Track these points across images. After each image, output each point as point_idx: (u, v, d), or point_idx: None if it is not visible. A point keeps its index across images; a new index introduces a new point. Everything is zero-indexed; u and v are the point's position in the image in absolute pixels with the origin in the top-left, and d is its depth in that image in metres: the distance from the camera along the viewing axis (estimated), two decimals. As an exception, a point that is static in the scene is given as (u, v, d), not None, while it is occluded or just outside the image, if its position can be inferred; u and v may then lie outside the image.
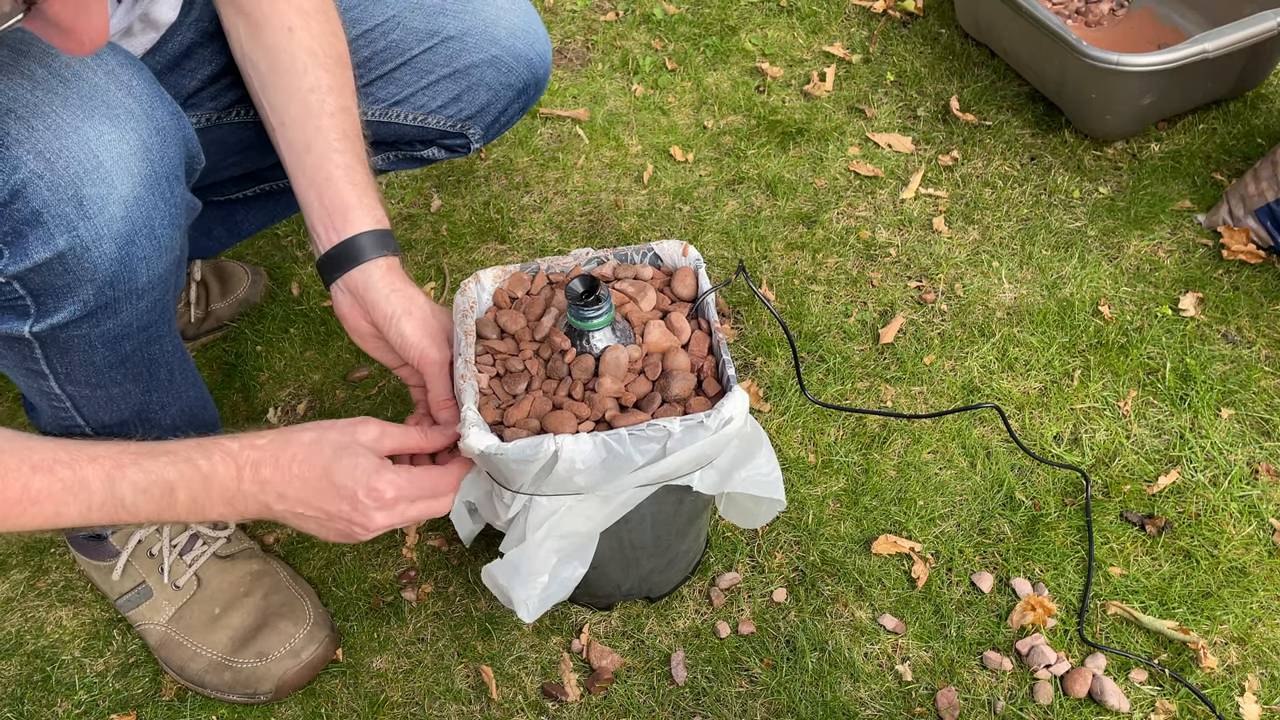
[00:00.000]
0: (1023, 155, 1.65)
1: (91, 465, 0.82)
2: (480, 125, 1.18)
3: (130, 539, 1.14)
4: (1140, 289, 1.45)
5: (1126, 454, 1.27)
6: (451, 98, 1.14)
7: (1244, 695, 1.07)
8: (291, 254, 1.59)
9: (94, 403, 0.97)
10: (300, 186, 0.98)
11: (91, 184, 0.79)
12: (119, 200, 0.81)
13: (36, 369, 0.92)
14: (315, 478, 0.87)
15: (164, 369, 1.00)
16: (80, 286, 0.83)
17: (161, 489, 0.84)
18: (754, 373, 1.39)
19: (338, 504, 0.88)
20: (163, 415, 1.03)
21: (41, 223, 0.78)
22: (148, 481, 0.84)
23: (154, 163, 0.83)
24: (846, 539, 1.21)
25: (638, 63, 1.86)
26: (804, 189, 1.62)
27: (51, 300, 0.83)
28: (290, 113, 0.97)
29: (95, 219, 0.80)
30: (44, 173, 0.77)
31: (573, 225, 1.60)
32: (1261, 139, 1.63)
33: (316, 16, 0.99)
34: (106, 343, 0.90)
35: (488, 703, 1.11)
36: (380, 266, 0.96)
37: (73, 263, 0.81)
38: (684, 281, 1.02)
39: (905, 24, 1.90)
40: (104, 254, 0.82)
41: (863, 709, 1.08)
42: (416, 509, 0.91)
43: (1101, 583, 1.16)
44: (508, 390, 0.96)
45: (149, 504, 0.84)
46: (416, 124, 1.15)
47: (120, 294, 0.86)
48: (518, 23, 1.13)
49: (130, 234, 0.83)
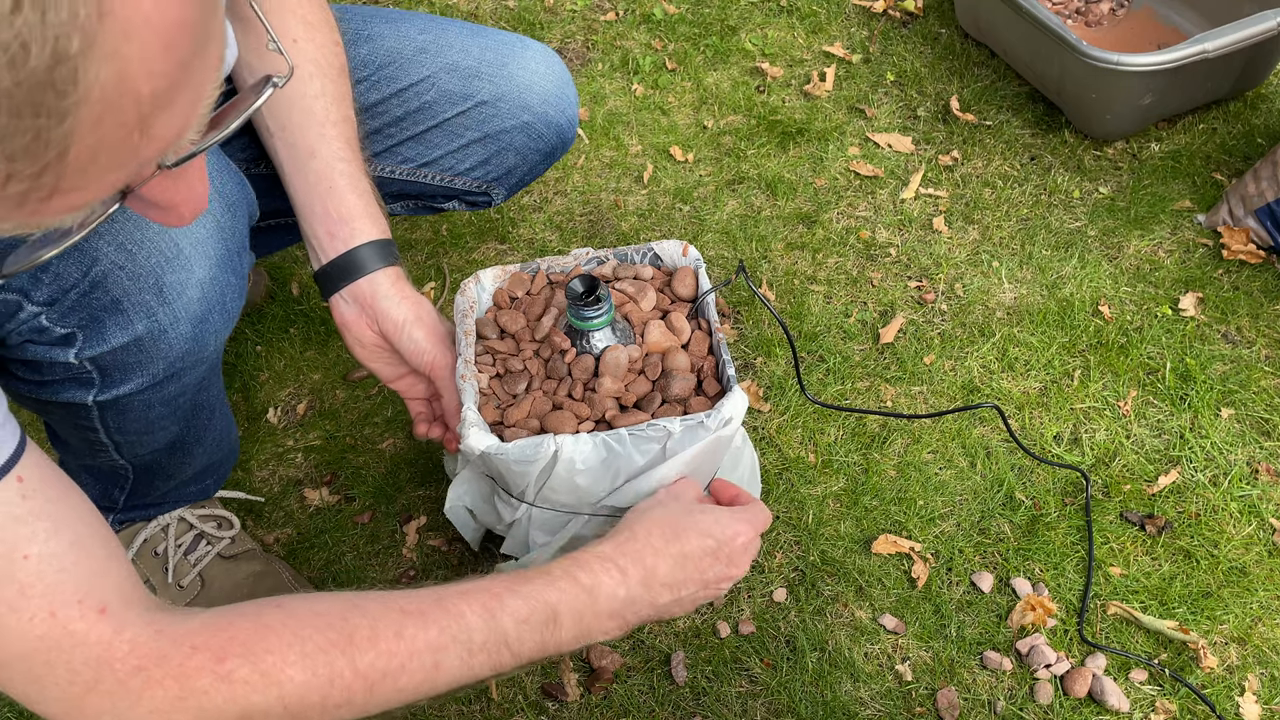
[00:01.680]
0: (1023, 155, 1.65)
1: (464, 600, 0.72)
2: (505, 186, 1.18)
3: (136, 538, 1.14)
4: (1140, 289, 1.45)
5: (1126, 454, 1.27)
6: (480, 161, 1.13)
7: (1244, 695, 1.07)
8: (291, 254, 1.59)
9: (135, 445, 0.98)
10: (300, 192, 0.96)
11: (172, 271, 0.80)
12: (196, 283, 0.82)
13: (87, 426, 0.92)
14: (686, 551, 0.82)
15: (205, 411, 1.01)
16: (152, 363, 0.84)
17: (544, 615, 0.74)
18: (754, 373, 1.39)
19: (712, 567, 0.83)
20: (196, 446, 1.05)
21: (121, 310, 0.79)
22: (529, 609, 0.74)
23: (227, 240, 0.84)
24: (846, 539, 1.21)
25: (638, 63, 1.86)
26: (804, 189, 1.62)
27: (119, 375, 0.84)
28: (292, 119, 0.96)
29: (174, 304, 0.81)
30: (125, 263, 0.78)
31: (573, 225, 1.60)
32: (1261, 139, 1.63)
33: (321, 28, 0.98)
34: (164, 402, 0.91)
35: (488, 703, 1.11)
36: (389, 275, 0.96)
37: (149, 344, 0.82)
38: (684, 281, 1.02)
39: (905, 24, 1.90)
40: (180, 334, 0.83)
41: (863, 709, 1.08)
42: (758, 542, 0.88)
43: (1101, 583, 1.16)
44: (508, 390, 0.96)
45: (532, 635, 0.74)
46: (443, 184, 1.15)
47: (189, 364, 0.87)
48: (551, 89, 1.12)
49: (205, 313, 0.84)
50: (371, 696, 0.68)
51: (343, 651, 0.67)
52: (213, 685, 0.65)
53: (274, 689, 0.66)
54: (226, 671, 0.65)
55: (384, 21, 1.09)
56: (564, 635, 0.76)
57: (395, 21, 1.10)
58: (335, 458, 1.32)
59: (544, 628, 0.74)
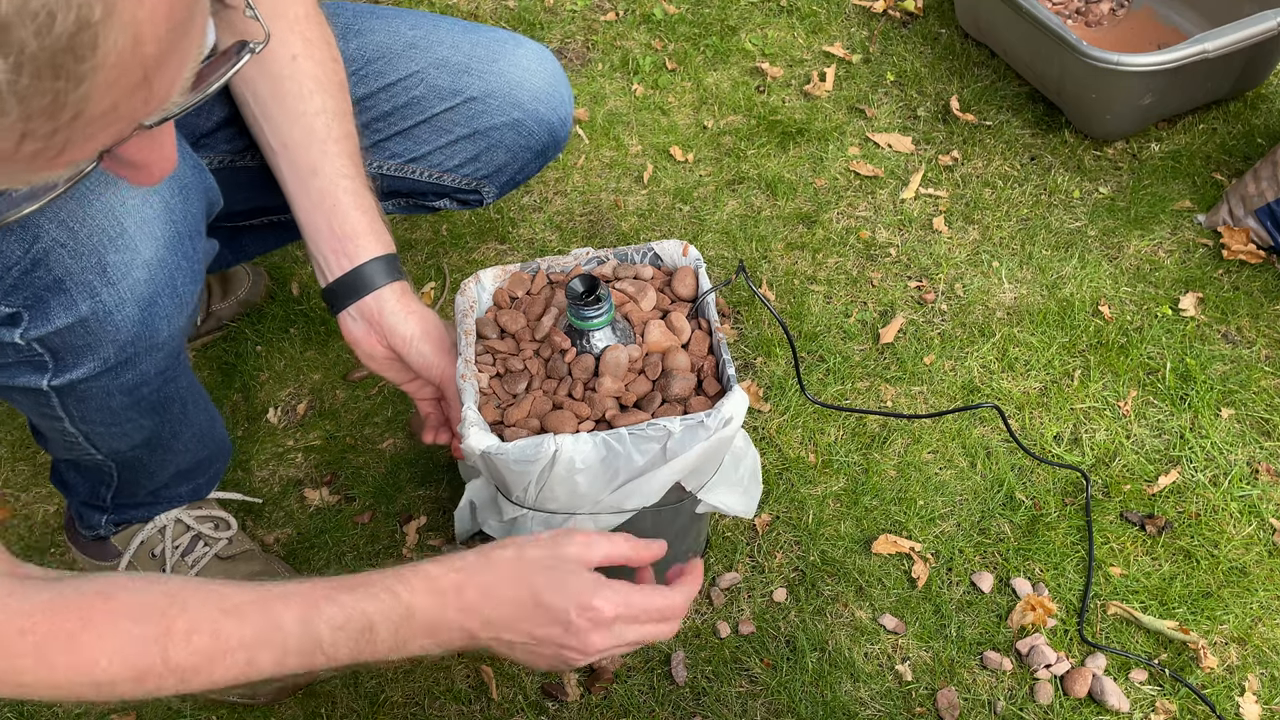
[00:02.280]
0: (1023, 155, 1.65)
1: (283, 603, 0.74)
2: (496, 184, 1.17)
3: (133, 540, 1.14)
4: (1140, 289, 1.45)
5: (1126, 454, 1.27)
6: (469, 157, 1.13)
7: (1244, 695, 1.07)
8: (292, 254, 1.59)
9: (107, 437, 0.97)
10: (304, 210, 0.96)
11: (115, 250, 0.79)
12: (142, 264, 0.81)
13: (51, 414, 0.92)
14: (523, 599, 0.78)
15: (177, 404, 1.00)
16: (101, 346, 0.83)
17: (360, 624, 0.75)
18: (754, 373, 1.39)
19: (547, 628, 0.78)
20: (174, 441, 1.04)
21: (64, 290, 0.78)
22: (345, 617, 0.75)
23: (176, 223, 0.83)
24: (846, 539, 1.21)
25: (638, 63, 1.86)
26: (804, 189, 1.62)
27: (71, 358, 0.83)
28: (294, 137, 0.96)
29: (118, 284, 0.80)
30: (66, 241, 0.77)
31: (573, 225, 1.60)
32: (1261, 139, 1.63)
33: (319, 44, 0.98)
34: (124, 391, 0.90)
35: (488, 703, 1.11)
36: (395, 291, 0.96)
37: (94, 326, 0.81)
38: (684, 281, 1.02)
39: (905, 24, 1.90)
40: (126, 317, 0.82)
41: (863, 709, 1.08)
42: (638, 632, 0.81)
43: (1101, 583, 1.16)
44: (508, 390, 0.96)
45: (347, 642, 0.75)
46: (432, 180, 1.14)
47: (140, 350, 0.86)
48: (542, 86, 1.11)
49: (153, 296, 0.83)
50: (183, 686, 0.72)
51: (158, 644, 0.71)
52: (32, 667, 0.70)
53: (87, 677, 0.70)
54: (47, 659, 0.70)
55: (375, 17, 1.09)
56: (380, 646, 0.77)
57: (387, 18, 1.09)
58: (335, 458, 1.32)
59: (359, 636, 0.76)
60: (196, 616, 0.72)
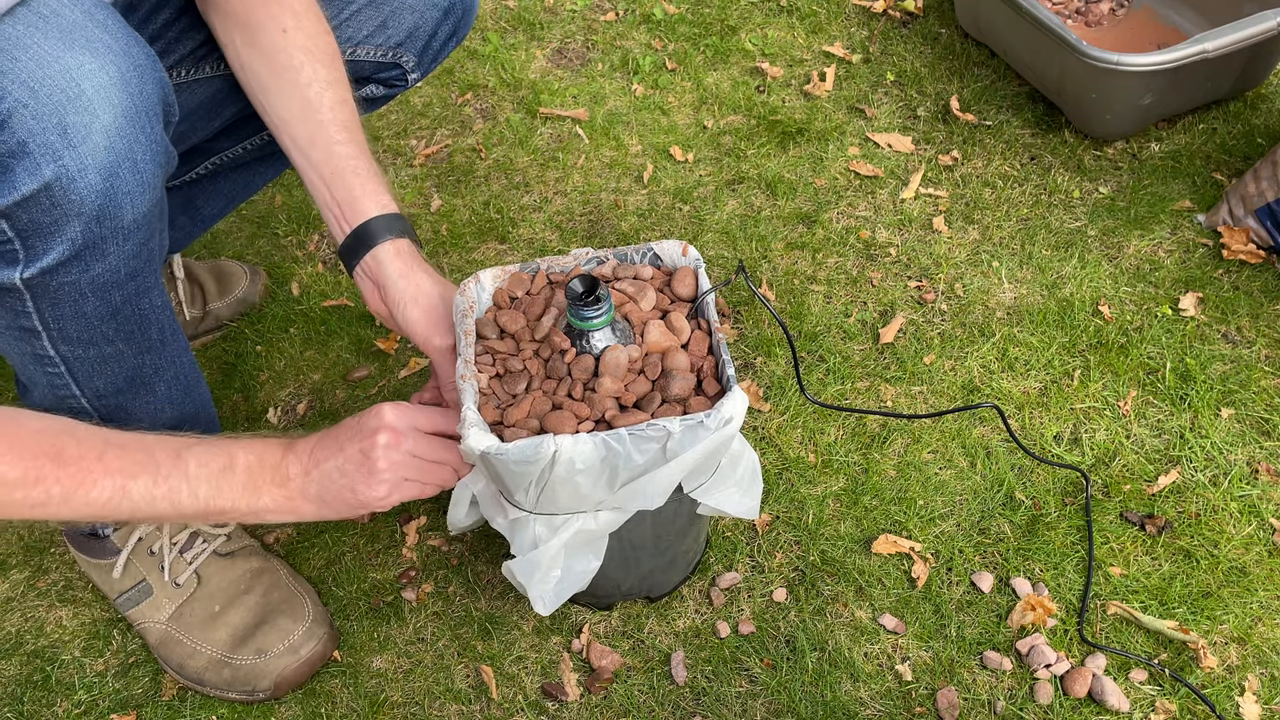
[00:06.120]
0: (1023, 155, 1.65)
1: (159, 442, 0.86)
2: (412, 52, 1.19)
3: (131, 537, 1.14)
4: (1140, 289, 1.45)
5: (1126, 454, 1.27)
6: (377, 25, 1.15)
7: (1244, 695, 1.07)
8: (291, 254, 1.59)
9: (88, 365, 0.98)
10: (310, 182, 1.02)
11: (74, 112, 0.80)
12: (101, 129, 0.82)
13: (29, 325, 0.92)
14: (334, 430, 0.92)
15: (155, 327, 1.00)
16: (68, 222, 0.83)
17: (223, 462, 0.88)
18: (754, 373, 1.39)
19: (355, 441, 0.90)
20: (157, 380, 1.04)
21: (28, 153, 0.79)
22: (210, 454, 0.87)
23: (133, 96, 0.84)
24: (846, 539, 1.21)
25: (638, 63, 1.86)
26: (804, 189, 1.62)
27: (39, 241, 0.84)
28: (292, 110, 1.01)
29: (79, 147, 0.81)
30: (28, 101, 0.78)
31: (573, 225, 1.60)
32: (1261, 139, 1.63)
33: (308, 16, 1.02)
34: (96, 290, 0.91)
35: (488, 702, 1.11)
36: (389, 250, 1.00)
37: (59, 194, 0.81)
38: (684, 281, 1.02)
39: (905, 24, 1.90)
40: (89, 185, 0.82)
41: (863, 709, 1.08)
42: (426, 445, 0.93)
43: (1101, 582, 1.16)
44: (507, 390, 0.96)
45: (209, 479, 0.87)
46: (347, 58, 1.14)
47: (107, 232, 0.87)
48: None
49: (114, 165, 0.84)
50: (66, 503, 0.81)
51: (51, 460, 0.80)
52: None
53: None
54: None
55: None
56: (236, 485, 0.89)
57: None
58: (335, 457, 1.32)
59: (220, 475, 0.88)
60: (84, 443, 0.82)
